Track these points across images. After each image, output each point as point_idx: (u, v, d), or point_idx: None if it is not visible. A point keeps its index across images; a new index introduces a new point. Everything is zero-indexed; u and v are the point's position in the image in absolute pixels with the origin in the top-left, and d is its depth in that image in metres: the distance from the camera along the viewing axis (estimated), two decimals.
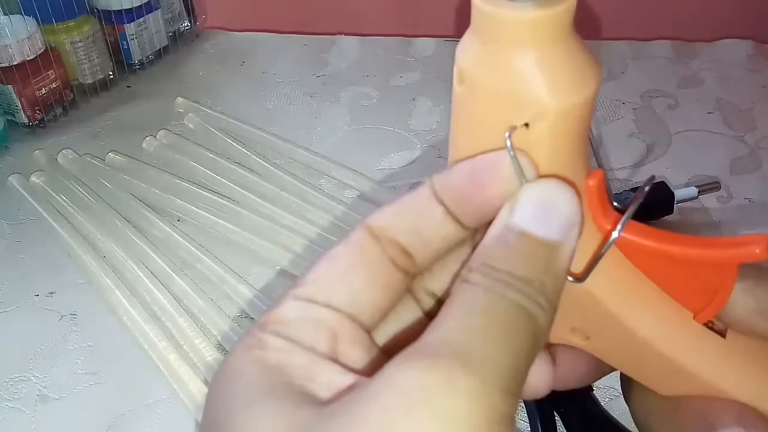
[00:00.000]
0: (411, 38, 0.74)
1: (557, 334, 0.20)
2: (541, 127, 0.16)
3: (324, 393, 0.15)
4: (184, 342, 0.41)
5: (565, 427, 0.32)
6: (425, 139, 0.59)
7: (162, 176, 0.54)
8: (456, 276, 0.19)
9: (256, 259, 0.47)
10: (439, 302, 0.20)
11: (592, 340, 0.20)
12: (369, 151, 0.57)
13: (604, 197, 0.18)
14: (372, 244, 0.18)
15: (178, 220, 0.51)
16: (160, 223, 0.49)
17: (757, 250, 0.17)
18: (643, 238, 0.18)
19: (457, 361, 0.14)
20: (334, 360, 0.16)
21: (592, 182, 0.18)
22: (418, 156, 0.57)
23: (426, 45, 0.72)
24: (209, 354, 0.40)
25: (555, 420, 0.33)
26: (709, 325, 0.19)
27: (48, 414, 0.39)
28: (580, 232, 0.17)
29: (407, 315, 0.20)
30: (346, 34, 0.75)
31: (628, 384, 0.22)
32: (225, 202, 0.51)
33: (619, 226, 0.17)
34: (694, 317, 0.19)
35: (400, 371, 0.14)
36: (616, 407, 0.37)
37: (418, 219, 0.18)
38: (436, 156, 0.57)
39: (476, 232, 0.18)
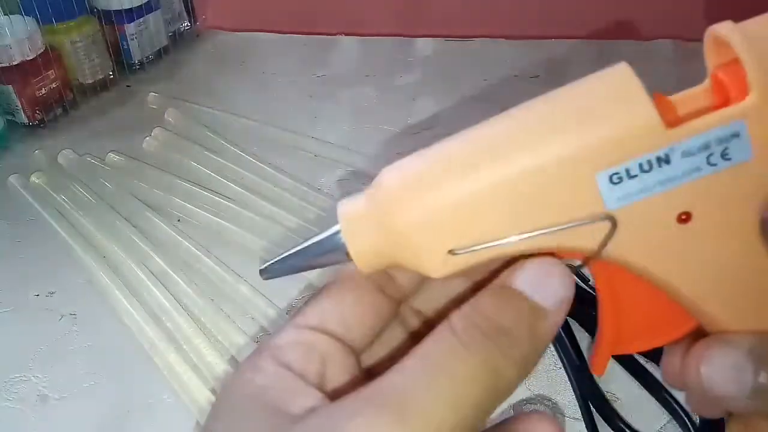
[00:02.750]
0: (411, 38, 0.74)
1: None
2: None
3: (300, 413, 0.17)
4: (184, 342, 0.41)
5: None
6: (425, 139, 0.59)
7: (162, 176, 0.54)
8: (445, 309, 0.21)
9: (256, 259, 0.47)
10: (425, 322, 0.22)
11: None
12: (369, 151, 0.57)
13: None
14: (360, 272, 0.20)
15: (178, 220, 0.51)
16: (160, 223, 0.49)
17: None
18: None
19: (387, 409, 0.15)
20: (321, 383, 0.18)
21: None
22: None
23: (426, 45, 0.72)
24: (209, 354, 0.40)
25: None
26: None
27: (48, 414, 0.39)
28: (567, 310, 0.18)
29: (393, 340, 0.22)
30: (346, 34, 0.75)
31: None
32: (225, 202, 0.51)
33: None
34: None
35: (351, 418, 0.16)
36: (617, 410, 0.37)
37: None
38: None
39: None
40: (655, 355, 0.37)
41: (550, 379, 0.39)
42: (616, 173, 0.17)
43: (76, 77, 0.63)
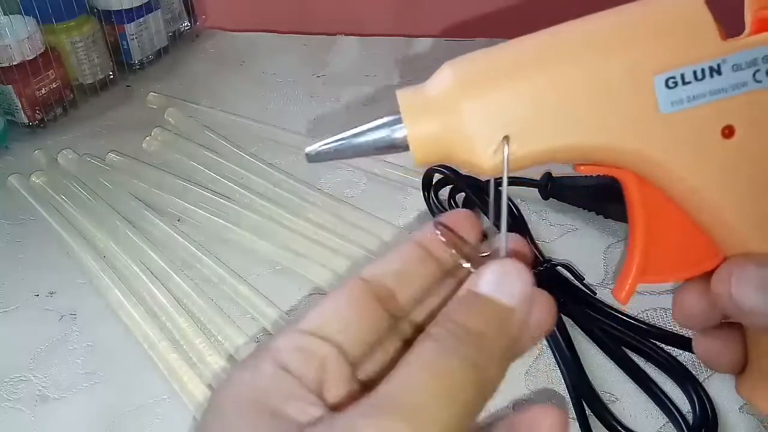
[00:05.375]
0: (411, 38, 0.74)
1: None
2: None
3: (300, 417, 0.18)
4: (183, 342, 0.41)
5: None
6: None
7: (162, 176, 0.54)
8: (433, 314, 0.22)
9: (256, 259, 0.47)
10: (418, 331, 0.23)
11: None
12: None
13: None
14: (362, 286, 0.21)
15: (178, 220, 0.51)
16: (160, 223, 0.50)
17: None
18: None
19: (398, 415, 0.16)
20: (319, 389, 0.19)
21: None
22: None
23: (426, 45, 0.72)
24: (209, 354, 0.40)
25: None
26: None
27: (48, 414, 0.39)
28: (531, 306, 0.20)
29: (386, 355, 0.22)
30: (346, 34, 0.75)
31: None
32: (225, 202, 0.51)
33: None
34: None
35: (362, 426, 0.16)
36: (615, 411, 0.37)
37: (402, 263, 0.22)
38: None
39: (455, 272, 0.22)
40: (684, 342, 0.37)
41: (550, 378, 0.39)
42: (672, 77, 0.18)
43: (76, 77, 0.63)
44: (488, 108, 0.19)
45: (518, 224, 0.45)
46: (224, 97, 0.65)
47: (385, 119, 0.20)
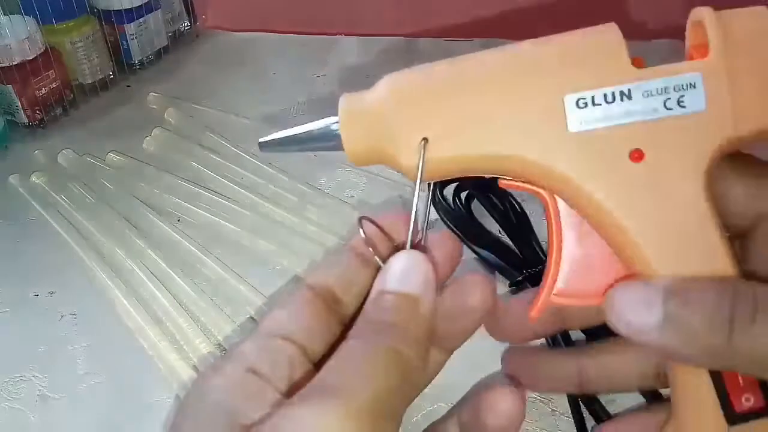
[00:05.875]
0: (411, 38, 0.74)
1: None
2: None
3: (258, 416, 0.19)
4: (184, 342, 0.41)
5: None
6: None
7: (162, 176, 0.54)
8: None
9: (256, 259, 0.47)
10: None
11: None
12: None
13: None
14: (310, 292, 0.22)
15: (178, 220, 0.51)
16: (160, 223, 0.50)
17: None
18: None
19: (331, 396, 0.18)
20: (288, 388, 0.20)
21: None
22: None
23: (426, 45, 0.72)
24: (209, 354, 0.40)
25: None
26: None
27: (48, 414, 0.39)
28: (435, 286, 0.21)
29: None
30: (346, 34, 0.75)
31: None
32: (225, 202, 0.51)
33: None
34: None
35: (293, 411, 0.18)
36: (613, 411, 0.37)
37: (342, 268, 0.23)
38: None
39: None
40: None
41: None
42: (583, 98, 0.19)
43: (76, 77, 0.63)
44: (412, 112, 0.21)
45: (522, 223, 0.45)
46: (224, 97, 0.65)
47: (327, 120, 0.23)
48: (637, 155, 0.20)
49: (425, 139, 0.21)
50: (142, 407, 0.39)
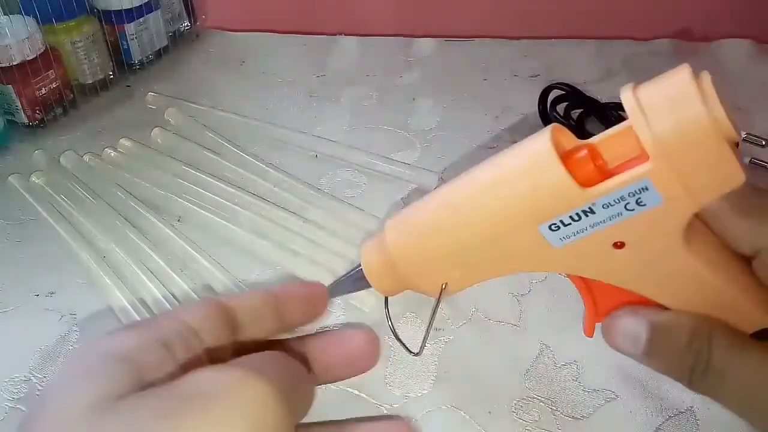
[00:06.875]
0: (411, 38, 0.74)
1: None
2: None
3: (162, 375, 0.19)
4: None
5: None
6: (425, 139, 0.59)
7: (162, 176, 0.54)
8: None
9: (256, 259, 0.47)
10: None
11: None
12: (368, 151, 0.57)
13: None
14: (218, 303, 0.22)
15: (178, 220, 0.51)
16: (160, 223, 0.50)
17: None
18: None
19: (250, 370, 0.18)
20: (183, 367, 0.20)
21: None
22: (418, 156, 0.57)
23: (426, 45, 0.72)
24: None
25: None
26: None
27: None
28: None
29: None
30: (346, 34, 0.75)
31: None
32: (225, 202, 0.51)
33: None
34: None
35: (217, 371, 0.18)
36: (615, 409, 0.37)
37: (258, 303, 0.23)
38: (437, 156, 0.57)
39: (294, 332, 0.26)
40: None
41: (550, 379, 0.39)
42: (554, 224, 0.22)
43: (76, 77, 0.63)
44: (428, 271, 0.26)
45: None
46: (224, 97, 0.65)
47: (353, 272, 0.28)
48: (619, 244, 0.22)
49: (445, 284, 0.26)
50: None
